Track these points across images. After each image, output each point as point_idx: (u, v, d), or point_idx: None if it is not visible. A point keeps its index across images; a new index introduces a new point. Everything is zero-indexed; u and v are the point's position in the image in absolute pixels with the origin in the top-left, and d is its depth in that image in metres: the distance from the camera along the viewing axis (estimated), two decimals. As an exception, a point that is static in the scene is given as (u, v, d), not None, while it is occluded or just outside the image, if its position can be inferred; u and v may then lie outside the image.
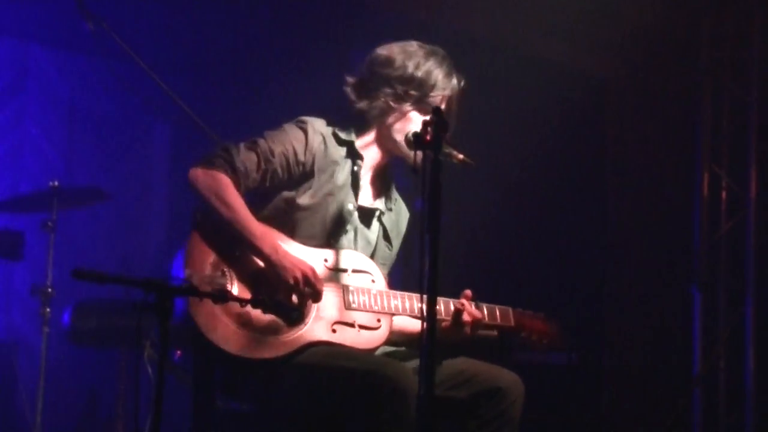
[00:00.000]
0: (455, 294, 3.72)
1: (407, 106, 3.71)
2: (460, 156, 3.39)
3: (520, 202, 6.97)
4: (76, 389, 6.48)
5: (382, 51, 3.77)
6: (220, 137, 4.14)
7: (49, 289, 5.51)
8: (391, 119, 3.73)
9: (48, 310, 5.50)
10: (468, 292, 3.73)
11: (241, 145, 3.60)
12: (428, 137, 3.18)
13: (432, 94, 3.71)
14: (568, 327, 3.96)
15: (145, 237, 6.91)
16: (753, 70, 6.88)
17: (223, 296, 3.36)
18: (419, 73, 3.69)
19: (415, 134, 3.25)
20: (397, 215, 3.93)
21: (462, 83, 3.78)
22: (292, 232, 3.62)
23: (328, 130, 3.73)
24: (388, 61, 3.72)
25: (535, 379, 3.94)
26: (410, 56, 3.72)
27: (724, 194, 7.03)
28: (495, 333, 3.87)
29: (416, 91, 3.69)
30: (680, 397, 6.88)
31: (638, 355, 7.10)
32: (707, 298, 6.96)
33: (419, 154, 3.18)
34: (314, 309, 3.52)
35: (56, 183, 5.54)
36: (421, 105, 3.70)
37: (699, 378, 6.88)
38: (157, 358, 3.07)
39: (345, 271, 3.64)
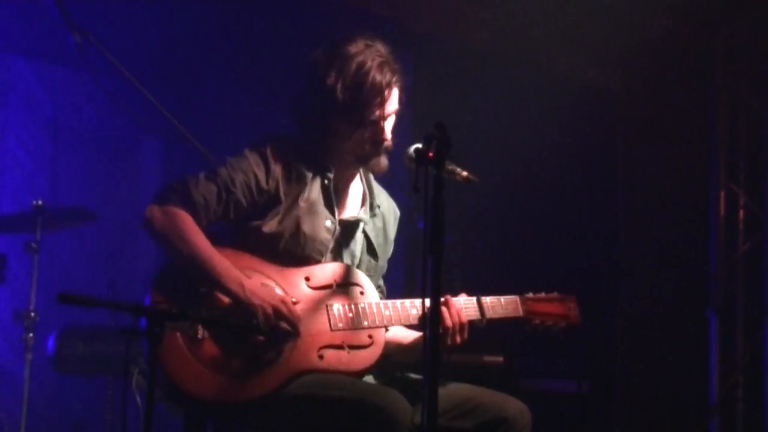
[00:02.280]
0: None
1: (351, 125, 3.61)
2: (464, 173, 3.32)
3: (529, 219, 6.98)
4: (60, 419, 6.47)
5: (310, 72, 3.64)
6: (211, 152, 4.15)
7: (33, 314, 5.51)
8: (346, 134, 3.64)
9: (31, 336, 5.50)
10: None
11: (201, 176, 3.54)
12: (430, 154, 3.13)
13: (373, 101, 3.59)
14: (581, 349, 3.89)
15: (134, 259, 6.91)
16: (771, 84, 6.91)
17: (215, 321, 3.35)
18: (347, 92, 3.56)
19: (417, 150, 3.18)
20: (384, 221, 3.85)
21: (396, 73, 3.62)
22: (268, 258, 3.55)
23: (290, 149, 3.65)
24: (316, 85, 3.61)
25: (543, 407, 3.94)
26: (334, 69, 3.58)
27: (741, 213, 7.04)
28: (500, 360, 3.84)
29: (352, 110, 3.58)
30: (696, 427, 6.88)
31: (652, 383, 7.09)
32: (724, 323, 6.96)
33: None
34: (297, 336, 3.45)
35: (40, 202, 5.55)
36: (364, 113, 3.59)
37: (716, 407, 6.88)
38: (146, 387, 3.08)
39: (330, 287, 3.57)
